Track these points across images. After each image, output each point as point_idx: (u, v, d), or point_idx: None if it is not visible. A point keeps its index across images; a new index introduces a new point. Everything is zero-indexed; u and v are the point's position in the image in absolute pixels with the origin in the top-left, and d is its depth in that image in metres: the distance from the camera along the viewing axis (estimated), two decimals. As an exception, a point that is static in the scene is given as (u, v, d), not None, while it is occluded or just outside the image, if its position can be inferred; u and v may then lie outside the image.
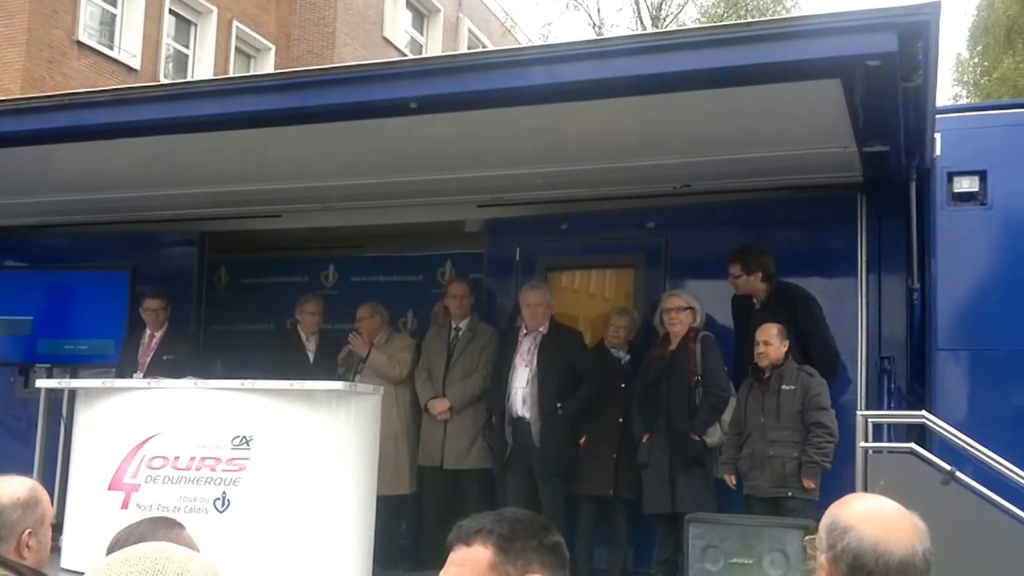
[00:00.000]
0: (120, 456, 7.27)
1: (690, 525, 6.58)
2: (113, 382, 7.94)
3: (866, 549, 2.49)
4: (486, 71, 6.16)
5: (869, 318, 7.78)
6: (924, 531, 2.54)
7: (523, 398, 7.83)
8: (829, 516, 2.66)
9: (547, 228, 8.99)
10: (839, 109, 6.12)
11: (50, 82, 18.76)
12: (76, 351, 9.44)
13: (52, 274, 9.90)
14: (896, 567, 2.46)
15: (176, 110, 6.74)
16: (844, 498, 2.77)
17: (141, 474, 7.20)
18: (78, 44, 20.04)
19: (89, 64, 20.25)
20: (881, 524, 2.53)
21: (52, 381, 8.56)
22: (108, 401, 7.60)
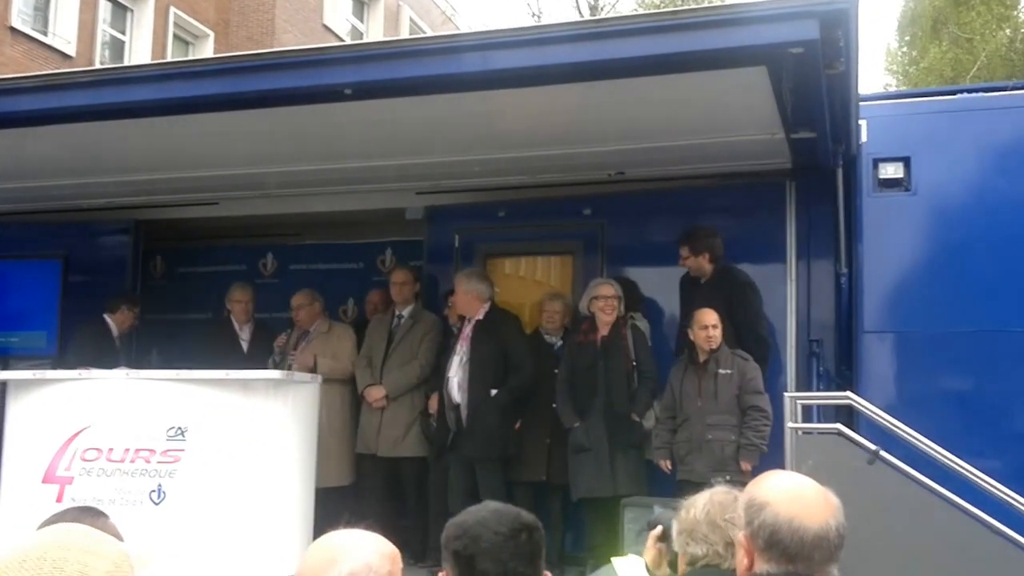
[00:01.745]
0: (53, 449, 7.18)
1: (625, 509, 6.66)
2: (44, 373, 7.84)
3: (782, 524, 2.58)
4: (423, 57, 6.15)
5: (798, 302, 7.94)
6: (838, 507, 2.63)
7: (457, 384, 7.86)
8: (747, 493, 2.73)
9: (486, 215, 9.05)
10: (767, 97, 6.23)
11: (-18, 69, 18.53)
12: (8, 343, 9.37)
13: (-20, 264, 9.77)
14: (811, 541, 2.55)
15: (109, 96, 6.71)
16: (762, 475, 2.85)
17: (75, 467, 7.12)
18: (11, 30, 19.81)
19: (23, 51, 20.01)
20: (796, 500, 2.61)
21: (-20, 373, 8.46)
22: (40, 393, 7.48)
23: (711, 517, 3.43)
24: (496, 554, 2.54)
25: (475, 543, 2.54)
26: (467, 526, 2.60)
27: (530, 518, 2.69)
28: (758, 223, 8.13)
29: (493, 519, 2.63)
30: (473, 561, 2.52)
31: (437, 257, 9.28)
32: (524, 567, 2.57)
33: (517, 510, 2.73)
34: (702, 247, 7.64)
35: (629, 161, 8.03)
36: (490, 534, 2.57)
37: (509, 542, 2.57)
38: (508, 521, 2.64)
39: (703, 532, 3.41)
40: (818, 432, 6.33)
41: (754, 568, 2.64)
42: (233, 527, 6.96)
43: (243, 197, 9.42)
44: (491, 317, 7.95)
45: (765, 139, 7.19)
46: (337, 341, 8.62)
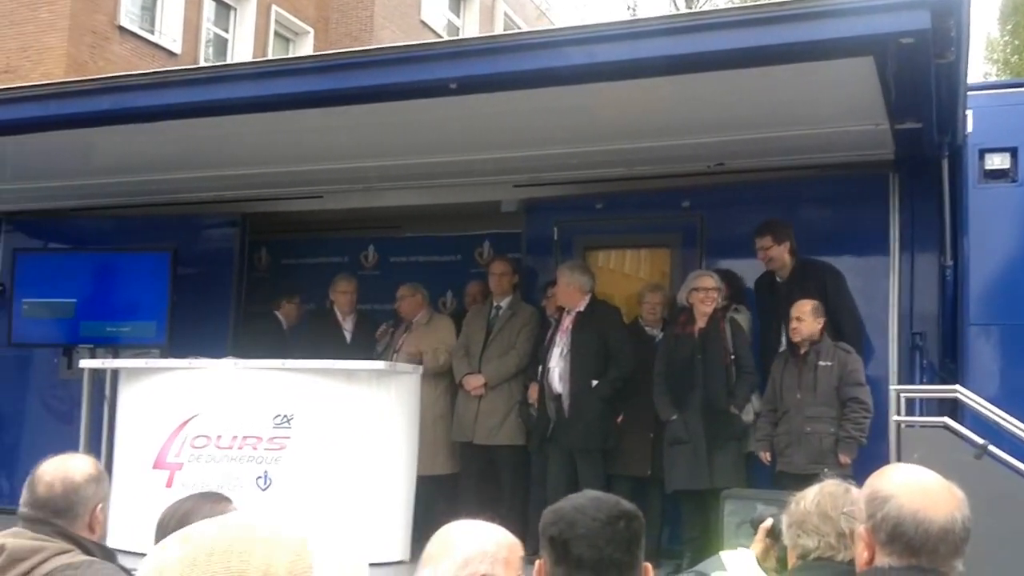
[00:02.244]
0: (164, 436, 7.33)
1: (725, 502, 6.58)
2: (155, 362, 8.02)
3: (906, 517, 2.53)
4: (525, 51, 6.18)
5: (901, 295, 7.78)
6: (963, 500, 2.57)
7: (558, 375, 7.85)
8: (869, 486, 2.68)
9: (583, 207, 9.02)
10: (871, 87, 6.12)
11: (92, 67, 18.85)
12: (119, 333, 9.51)
13: (95, 256, 9.96)
14: (936, 534, 2.50)
15: (216, 92, 6.81)
16: (882, 469, 2.79)
17: (184, 453, 7.27)
18: (120, 29, 20.12)
19: (131, 49, 20.35)
20: (921, 493, 2.56)
21: (96, 361, 8.63)
22: (151, 381, 7.67)
23: (822, 508, 3.40)
24: (592, 540, 2.49)
25: (571, 528, 2.49)
26: (563, 512, 2.56)
27: (629, 506, 2.64)
28: (860, 215, 7.98)
29: (591, 506, 2.59)
30: (568, 546, 2.47)
31: (535, 249, 9.26)
32: (621, 554, 2.51)
33: (617, 498, 2.68)
34: (783, 236, 7.54)
35: (728, 152, 7.93)
36: (587, 520, 2.52)
37: (606, 528, 2.51)
38: (606, 508, 2.59)
39: (814, 524, 3.38)
40: (923, 425, 6.21)
41: (875, 562, 2.60)
42: (336, 513, 7.03)
43: (346, 190, 9.48)
44: (592, 309, 7.93)
45: (868, 129, 7.05)
46: (437, 332, 8.68)
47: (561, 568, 2.46)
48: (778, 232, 7.55)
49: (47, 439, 9.33)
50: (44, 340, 9.87)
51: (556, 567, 2.46)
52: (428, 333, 8.67)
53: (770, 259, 7.63)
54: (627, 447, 7.80)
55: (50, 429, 9.95)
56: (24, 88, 8.21)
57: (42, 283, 9.73)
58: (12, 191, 9.91)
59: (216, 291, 9.92)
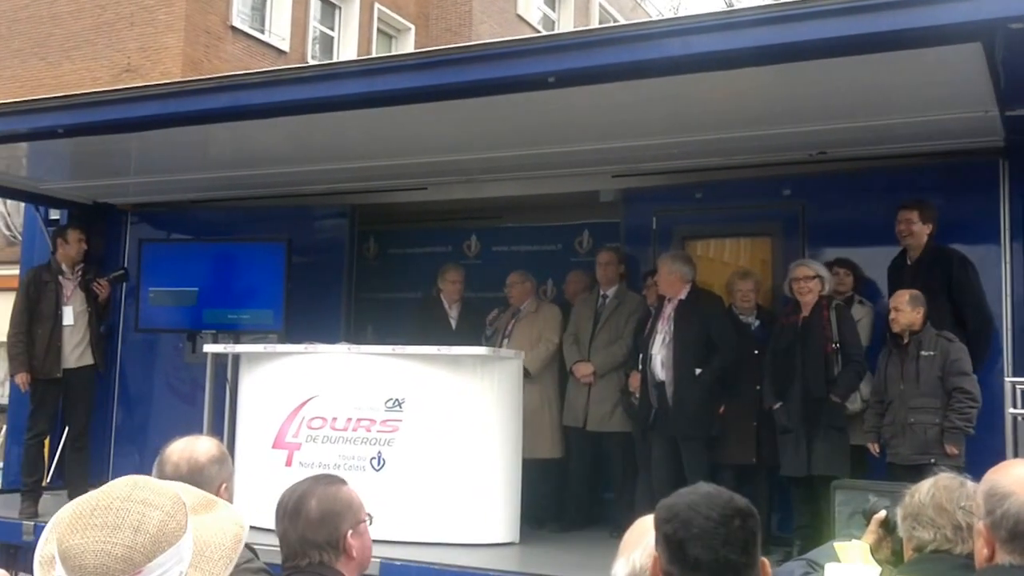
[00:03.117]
0: (282, 417, 7.47)
1: (836, 492, 6.40)
2: (274, 347, 8.12)
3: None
4: (621, 44, 6.04)
5: (1014, 284, 7.47)
6: None
7: (661, 362, 7.72)
8: (987, 482, 2.56)
9: (682, 197, 8.86)
10: (979, 73, 5.86)
11: (207, 65, 19.20)
12: (239, 320, 9.63)
13: (215, 247, 10.07)
14: None
15: (326, 90, 6.83)
16: (1002, 464, 2.65)
17: (302, 434, 7.39)
18: (232, 29, 20.47)
19: (242, 48, 20.68)
20: None
21: (218, 346, 8.77)
22: (270, 365, 7.80)
23: (937, 501, 3.30)
24: (708, 540, 2.28)
25: (686, 528, 2.29)
26: (677, 509, 2.35)
27: (744, 503, 2.43)
28: (969, 203, 7.68)
29: (704, 503, 2.36)
30: (684, 547, 2.28)
31: (634, 239, 9.14)
32: (737, 555, 2.29)
33: (730, 494, 2.46)
34: (929, 216, 7.25)
35: (830, 140, 7.68)
36: (701, 519, 2.31)
37: (721, 528, 2.30)
38: (719, 506, 2.36)
39: (929, 516, 3.28)
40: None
41: (996, 559, 2.48)
42: (447, 493, 7.11)
43: (449, 182, 9.47)
44: (694, 297, 7.78)
45: (976, 116, 6.76)
46: (544, 320, 8.62)
47: (676, 567, 2.29)
48: (925, 211, 7.27)
49: (173, 419, 9.66)
50: (169, 326, 10.02)
51: (671, 565, 2.29)
52: (537, 320, 8.64)
53: (910, 234, 7.32)
54: (730, 435, 7.65)
55: (176, 410, 10.14)
56: (147, 87, 8.38)
57: (166, 272, 9.86)
58: (137, 184, 10.07)
59: (329, 279, 9.97)
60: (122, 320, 10.57)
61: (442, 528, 7.01)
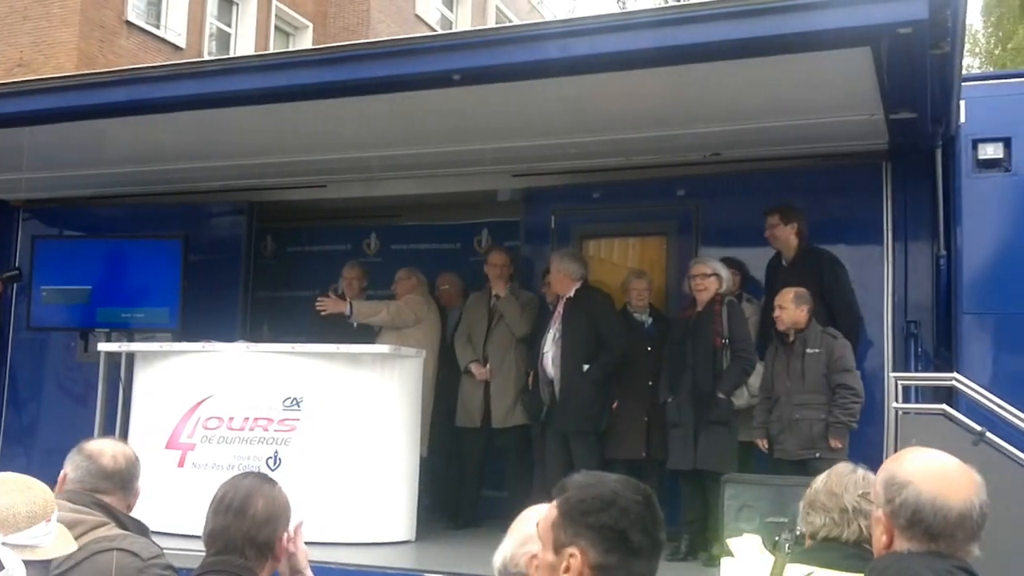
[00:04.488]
0: (177, 417, 7.32)
1: (726, 485, 6.49)
2: (170, 345, 7.97)
3: (924, 504, 2.46)
4: (524, 43, 6.07)
5: (895, 283, 7.66)
6: (981, 484, 2.50)
7: (551, 359, 7.78)
8: (886, 471, 2.61)
9: (580, 197, 8.91)
10: (867, 77, 6.00)
11: (102, 60, 18.77)
12: (133, 318, 9.42)
13: (109, 243, 9.84)
14: (954, 521, 2.43)
15: (226, 84, 6.73)
16: (899, 453, 2.72)
17: (197, 434, 7.26)
18: (127, 24, 20.04)
19: (138, 43, 20.26)
20: (939, 479, 2.49)
21: (112, 345, 8.59)
22: (165, 364, 7.64)
23: (829, 486, 3.37)
24: (645, 524, 2.22)
25: (625, 515, 2.19)
26: (610, 497, 2.22)
27: (644, 485, 2.41)
28: (855, 204, 7.86)
29: (624, 488, 2.26)
30: (627, 534, 2.18)
31: (533, 238, 9.15)
32: (662, 535, 2.27)
33: (627, 478, 2.37)
34: (791, 217, 7.42)
35: (724, 142, 7.78)
36: (634, 504, 2.23)
37: (649, 511, 2.25)
38: (637, 489, 2.28)
39: (821, 501, 3.35)
40: (919, 413, 6.13)
41: (895, 546, 2.51)
42: (345, 492, 7.03)
43: (348, 180, 9.38)
44: (582, 295, 7.85)
45: (863, 119, 6.91)
46: (401, 303, 8.51)
47: (616, 556, 2.19)
48: (788, 214, 7.45)
49: (63, 420, 9.48)
50: (61, 324, 9.78)
51: (609, 555, 2.17)
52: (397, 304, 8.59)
53: (774, 238, 7.53)
54: (622, 430, 7.71)
55: (66, 410, 9.89)
56: (43, 80, 8.15)
57: (59, 269, 9.64)
58: (30, 180, 9.78)
59: (226, 277, 9.80)
60: (13, 318, 10.30)
61: (340, 527, 6.91)
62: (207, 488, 3.23)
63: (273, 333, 9.78)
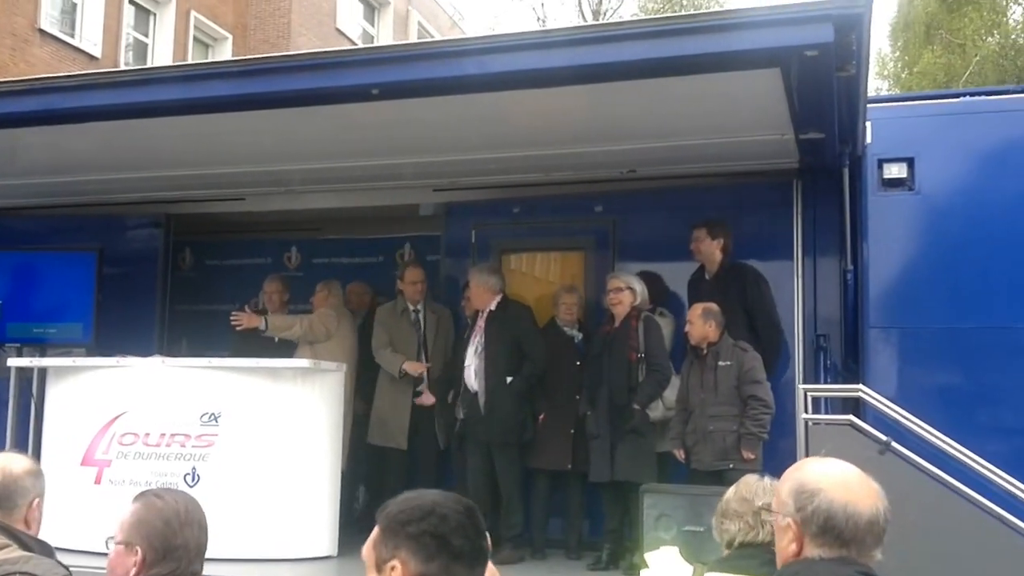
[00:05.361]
0: (91, 433, 7.19)
1: (644, 495, 6.59)
2: (83, 360, 7.83)
3: (836, 511, 2.53)
4: (444, 59, 6.08)
5: (805, 298, 7.83)
6: (880, 491, 2.58)
7: (474, 372, 7.82)
8: (791, 480, 2.66)
9: (501, 212, 8.97)
10: (777, 98, 6.14)
11: (13, 69, 18.38)
12: (45, 334, 9.26)
13: (19, 256, 9.63)
14: (864, 526, 2.50)
15: (142, 95, 6.63)
16: (800, 463, 2.78)
17: (112, 450, 7.14)
18: (40, 32, 19.64)
19: (51, 52, 19.86)
20: (846, 486, 2.56)
21: (23, 360, 8.37)
22: (79, 379, 7.50)
23: (739, 494, 3.56)
24: (466, 531, 2.32)
25: (445, 522, 2.29)
26: (429, 506, 2.34)
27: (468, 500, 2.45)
28: (766, 221, 8.03)
29: (444, 500, 2.38)
30: (448, 539, 2.28)
31: (454, 252, 9.19)
32: (484, 542, 2.37)
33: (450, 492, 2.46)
34: (718, 233, 7.56)
35: (641, 160, 7.91)
36: (454, 513, 2.33)
37: (471, 518, 2.35)
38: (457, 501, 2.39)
39: (733, 508, 3.52)
40: (829, 423, 6.28)
41: (804, 553, 2.57)
42: (264, 508, 6.96)
43: (268, 193, 9.32)
44: (503, 308, 7.91)
45: (774, 139, 7.07)
46: (314, 317, 8.46)
47: (436, 563, 2.26)
48: (714, 228, 7.58)
49: None
50: (-32, 339, 9.52)
51: (429, 563, 2.25)
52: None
53: (699, 252, 7.65)
54: (548, 442, 7.78)
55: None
56: None
57: (-33, 283, 9.38)
58: (-63, 191, 9.57)
59: (142, 291, 9.69)
60: (-81, 333, 10.00)
61: (260, 544, 6.85)
62: (126, 505, 3.13)
63: (192, 347, 9.68)
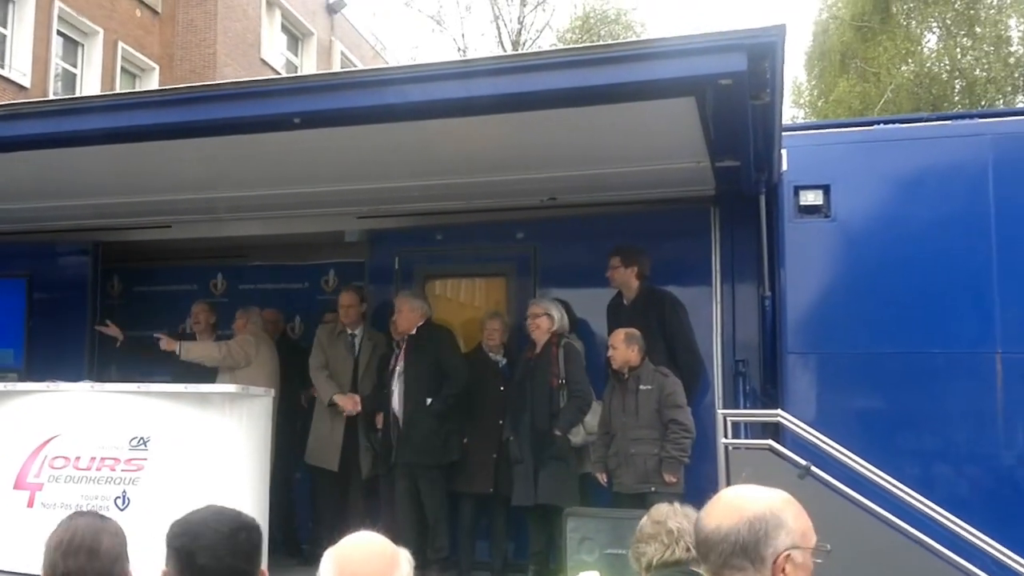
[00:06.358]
0: (23, 457, 7.16)
1: (567, 519, 6.60)
2: (13, 385, 7.73)
3: (694, 522, 2.64)
4: (364, 88, 6.07)
5: (724, 324, 7.91)
6: (745, 516, 2.48)
7: (397, 396, 7.82)
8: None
9: (424, 238, 8.98)
10: (693, 126, 6.20)
11: (-60, 98, 18.07)
12: (-25, 361, 9.10)
13: (-51, 283, 9.49)
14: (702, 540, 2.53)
15: (69, 124, 6.56)
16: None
17: (44, 474, 7.10)
18: (-32, 64, 19.38)
19: (-21, 82, 19.59)
20: (710, 503, 2.61)
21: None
22: (9, 404, 7.44)
23: (652, 518, 3.64)
24: (215, 551, 2.58)
25: (195, 540, 2.58)
26: (189, 525, 2.65)
27: (250, 519, 2.77)
28: (684, 247, 8.11)
29: (214, 519, 2.68)
30: (194, 557, 2.56)
31: (378, 278, 9.17)
32: (242, 564, 2.62)
33: (238, 511, 2.79)
34: (632, 260, 7.61)
35: (560, 187, 7.95)
36: (211, 532, 2.61)
37: (228, 540, 2.61)
38: (228, 521, 2.69)
39: (648, 532, 3.58)
40: (748, 448, 6.32)
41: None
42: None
43: (194, 220, 9.27)
44: (424, 331, 7.92)
45: (691, 167, 7.14)
46: (233, 343, 8.43)
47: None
48: (628, 256, 7.62)
49: None
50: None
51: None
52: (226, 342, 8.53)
53: (614, 279, 7.70)
54: (471, 466, 7.77)
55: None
56: None
57: None
58: None
59: (72, 317, 9.59)
60: None
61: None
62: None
63: (122, 373, 9.49)
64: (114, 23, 23.24)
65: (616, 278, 7.68)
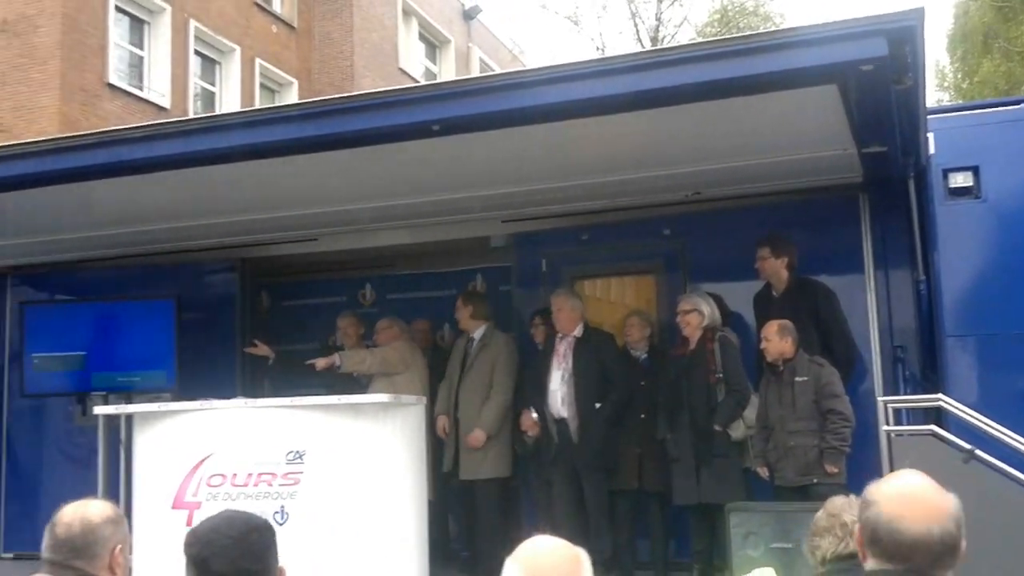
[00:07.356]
0: (180, 476, 7.33)
1: (730, 514, 6.66)
2: (167, 405, 7.95)
3: (881, 524, 2.60)
4: (501, 92, 6.27)
5: (879, 310, 7.90)
6: (948, 512, 2.59)
7: (560, 398, 7.98)
8: (865, 491, 2.77)
9: (570, 239, 9.13)
10: (837, 113, 6.25)
11: (85, 124, 18.98)
12: (130, 382, 9.53)
13: (101, 307, 9.93)
14: (907, 544, 2.55)
15: (209, 142, 6.82)
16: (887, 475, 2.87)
17: (202, 492, 7.25)
18: (109, 86, 20.29)
19: (121, 105, 20.47)
20: (901, 502, 2.61)
21: (109, 408, 8.56)
22: (164, 424, 7.65)
23: (827, 510, 3.66)
24: (228, 555, 2.79)
25: (208, 547, 2.80)
26: (202, 532, 2.87)
27: (261, 520, 2.95)
28: (834, 236, 8.13)
29: (225, 525, 2.88)
30: (208, 564, 2.78)
31: (525, 281, 9.37)
32: (255, 564, 2.83)
33: (249, 514, 2.98)
34: (782, 250, 7.68)
35: (704, 181, 8.04)
36: (222, 538, 2.82)
37: (240, 544, 2.82)
38: (239, 525, 2.89)
39: (822, 525, 3.60)
40: (911, 434, 6.36)
41: (866, 560, 2.70)
42: (354, 543, 7.02)
43: (340, 232, 9.54)
44: (589, 334, 8.12)
45: (837, 154, 7.19)
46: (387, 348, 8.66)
47: None
48: (777, 246, 7.69)
49: (66, 484, 9.45)
50: (57, 390, 9.84)
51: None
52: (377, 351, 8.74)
53: (764, 270, 7.78)
54: (617, 463, 7.96)
55: (69, 474, 9.96)
56: (21, 145, 8.00)
57: (51, 334, 9.73)
58: (16, 246, 9.92)
59: (221, 335, 9.94)
60: (7, 385, 10.41)
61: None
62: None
63: (275, 388, 9.83)
64: (250, 40, 24.07)
65: (766, 269, 7.75)
